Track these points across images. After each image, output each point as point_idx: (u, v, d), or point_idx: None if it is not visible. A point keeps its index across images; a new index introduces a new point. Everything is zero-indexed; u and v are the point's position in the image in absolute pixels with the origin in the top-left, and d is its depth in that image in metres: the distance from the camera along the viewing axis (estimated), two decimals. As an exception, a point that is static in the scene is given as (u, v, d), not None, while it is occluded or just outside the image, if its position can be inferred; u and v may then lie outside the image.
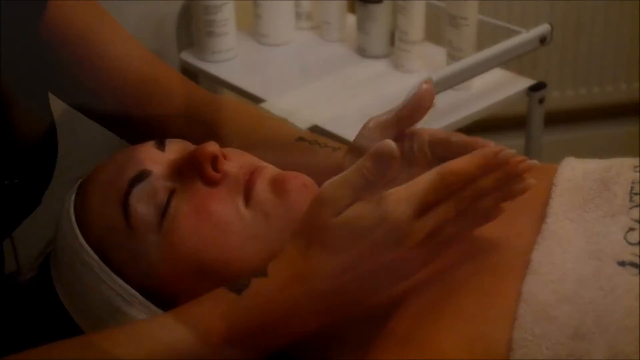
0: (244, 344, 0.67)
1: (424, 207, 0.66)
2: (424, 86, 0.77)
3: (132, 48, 0.93)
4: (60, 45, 0.88)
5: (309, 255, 0.67)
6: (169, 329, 0.67)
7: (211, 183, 0.74)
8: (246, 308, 0.67)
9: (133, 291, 0.74)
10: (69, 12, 0.89)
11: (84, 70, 0.90)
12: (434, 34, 1.77)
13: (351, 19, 1.73)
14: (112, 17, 0.93)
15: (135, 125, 0.94)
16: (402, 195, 0.65)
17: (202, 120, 0.93)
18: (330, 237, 0.67)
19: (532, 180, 0.69)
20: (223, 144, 0.83)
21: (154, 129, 0.92)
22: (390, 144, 0.66)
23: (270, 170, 0.77)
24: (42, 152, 0.88)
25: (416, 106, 0.77)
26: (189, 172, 0.75)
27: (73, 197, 0.78)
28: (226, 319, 0.67)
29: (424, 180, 0.66)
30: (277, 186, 0.74)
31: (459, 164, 0.66)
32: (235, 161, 0.76)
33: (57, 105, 0.97)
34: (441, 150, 0.78)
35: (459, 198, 0.67)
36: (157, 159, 0.77)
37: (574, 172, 0.79)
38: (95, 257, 0.74)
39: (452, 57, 1.54)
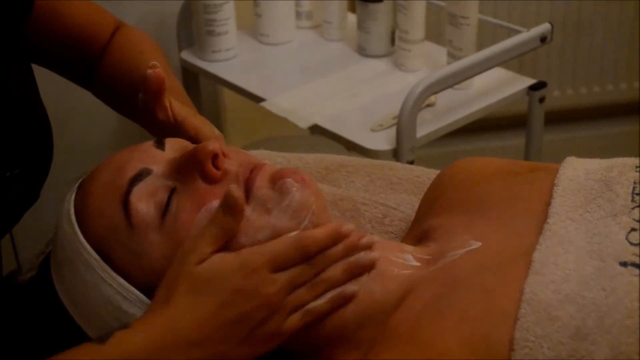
0: None
1: (280, 262, 0.71)
2: (148, 72, 0.82)
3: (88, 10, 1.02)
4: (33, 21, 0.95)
5: (174, 303, 0.68)
6: None
7: (211, 180, 0.74)
8: (108, 358, 0.67)
9: (134, 290, 0.73)
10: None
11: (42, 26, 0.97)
12: (434, 33, 1.77)
13: (352, 18, 1.73)
14: None
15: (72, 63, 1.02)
16: (259, 248, 0.71)
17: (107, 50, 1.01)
18: (193, 284, 0.69)
19: (376, 254, 0.74)
20: (105, 67, 0.98)
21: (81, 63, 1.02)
22: (233, 191, 0.70)
23: (269, 167, 0.77)
24: (39, 142, 0.88)
25: (148, 90, 0.82)
26: (190, 170, 0.75)
27: (73, 197, 0.78)
28: None
29: (282, 238, 0.72)
30: (277, 182, 0.74)
31: (317, 231, 0.72)
32: (235, 159, 0.76)
33: (56, 106, 0.97)
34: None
35: (313, 263, 0.72)
36: (157, 157, 0.77)
37: (576, 172, 0.79)
38: (96, 256, 0.74)
39: (452, 57, 1.54)
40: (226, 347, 0.69)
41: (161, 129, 0.85)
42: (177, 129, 0.84)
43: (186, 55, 1.72)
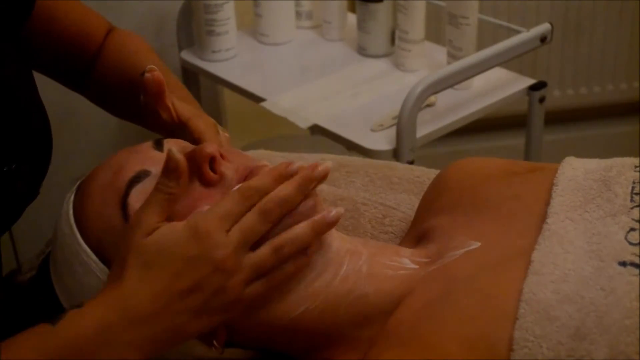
0: None
1: (230, 220, 0.68)
2: (147, 75, 0.82)
3: (82, 15, 1.02)
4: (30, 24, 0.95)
5: (125, 280, 0.66)
6: None
7: (208, 184, 0.74)
8: (60, 339, 0.65)
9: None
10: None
11: (38, 32, 0.96)
12: (434, 33, 1.77)
13: (351, 18, 1.73)
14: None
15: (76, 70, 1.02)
16: (208, 211, 0.68)
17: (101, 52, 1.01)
18: (143, 257, 0.67)
19: (340, 209, 0.72)
20: (100, 70, 0.98)
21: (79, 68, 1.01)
22: (173, 153, 0.68)
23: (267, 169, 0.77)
24: (36, 138, 0.88)
25: (148, 94, 0.82)
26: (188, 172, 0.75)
27: (72, 198, 0.78)
28: (40, 352, 0.65)
29: (226, 197, 0.69)
30: None
31: (256, 179, 0.70)
32: (233, 162, 0.76)
33: (56, 107, 0.98)
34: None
35: (263, 207, 0.69)
36: (155, 159, 0.77)
37: (575, 171, 0.79)
38: (94, 257, 0.74)
39: (452, 57, 1.54)
40: (183, 319, 0.67)
41: (165, 128, 0.85)
42: (181, 129, 0.84)
43: (186, 55, 1.72)
